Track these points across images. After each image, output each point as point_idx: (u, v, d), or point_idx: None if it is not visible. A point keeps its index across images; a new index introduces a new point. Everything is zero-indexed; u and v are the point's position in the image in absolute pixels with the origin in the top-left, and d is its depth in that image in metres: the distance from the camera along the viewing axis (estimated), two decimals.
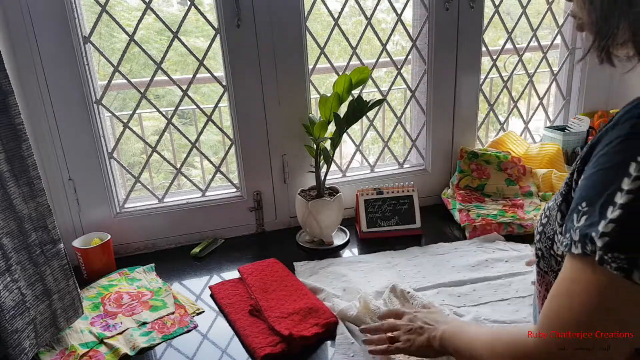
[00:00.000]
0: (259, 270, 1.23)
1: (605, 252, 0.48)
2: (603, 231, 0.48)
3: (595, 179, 0.51)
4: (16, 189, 0.92)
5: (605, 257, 0.48)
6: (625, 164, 0.48)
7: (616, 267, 0.47)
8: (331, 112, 1.32)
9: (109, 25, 4.36)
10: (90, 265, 1.28)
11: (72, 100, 1.28)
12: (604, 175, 0.50)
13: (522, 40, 1.88)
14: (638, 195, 0.47)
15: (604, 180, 0.50)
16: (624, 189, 0.48)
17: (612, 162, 0.50)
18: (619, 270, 0.47)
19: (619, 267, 0.47)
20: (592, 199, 0.51)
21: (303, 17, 1.38)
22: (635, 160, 0.47)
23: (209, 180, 1.52)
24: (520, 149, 1.70)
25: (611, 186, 0.49)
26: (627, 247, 0.47)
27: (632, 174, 0.47)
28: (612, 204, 0.48)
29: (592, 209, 0.50)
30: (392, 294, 1.10)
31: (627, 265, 0.47)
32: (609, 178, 0.50)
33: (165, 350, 1.02)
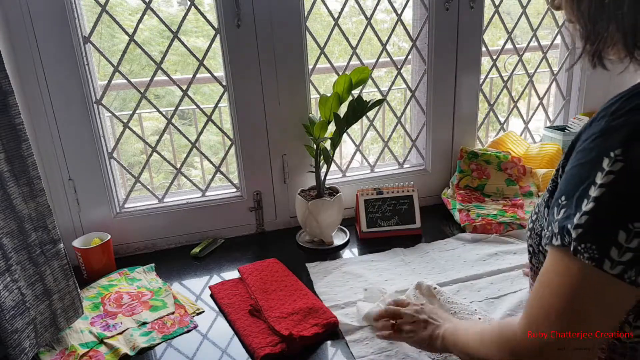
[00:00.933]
0: (259, 270, 1.23)
1: (579, 243, 0.50)
2: (577, 223, 0.50)
3: (573, 174, 0.54)
4: (16, 189, 0.92)
5: (579, 248, 0.50)
6: (599, 159, 0.50)
7: (588, 257, 0.50)
8: (331, 112, 1.32)
9: (110, 25, 4.36)
10: (90, 265, 1.28)
11: (72, 100, 1.28)
12: (581, 170, 0.52)
13: (522, 40, 1.89)
14: (609, 189, 0.49)
15: (581, 174, 0.52)
16: (597, 182, 0.50)
17: (588, 158, 0.52)
18: (590, 260, 0.49)
19: (590, 257, 0.49)
20: (570, 192, 0.53)
21: (303, 17, 1.38)
22: (607, 155, 0.49)
23: (209, 180, 1.52)
24: (520, 149, 1.70)
25: (587, 180, 0.51)
26: (598, 237, 0.49)
27: (605, 169, 0.49)
28: (586, 197, 0.51)
29: (570, 202, 0.53)
30: (418, 291, 1.09)
31: (597, 255, 0.49)
32: (584, 173, 0.52)
33: (165, 350, 1.02)
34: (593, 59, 0.57)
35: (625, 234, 0.48)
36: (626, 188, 0.48)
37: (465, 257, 1.29)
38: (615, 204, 0.49)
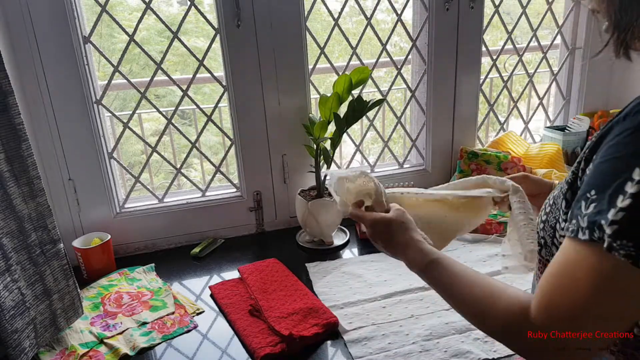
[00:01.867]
0: (259, 270, 1.23)
1: (614, 240, 0.49)
2: (613, 219, 0.49)
3: (605, 168, 0.52)
4: (16, 189, 0.92)
5: (614, 245, 0.49)
6: (637, 155, 0.49)
7: (625, 254, 0.48)
8: (331, 112, 1.32)
9: (110, 25, 4.36)
10: (90, 265, 1.28)
11: (72, 101, 1.28)
12: (615, 164, 0.51)
13: (522, 40, 1.89)
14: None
15: (615, 169, 0.51)
16: (635, 179, 0.48)
17: (623, 153, 0.51)
18: (627, 257, 0.48)
19: (627, 254, 0.48)
20: (601, 187, 0.52)
21: (303, 17, 1.38)
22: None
23: (208, 180, 1.52)
24: (520, 149, 1.70)
25: (622, 175, 0.50)
26: (636, 235, 0.48)
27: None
28: (622, 193, 0.49)
29: (601, 197, 0.51)
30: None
31: (634, 252, 0.48)
32: (619, 168, 0.50)
33: (165, 350, 1.02)
34: (619, 48, 0.56)
35: None
36: None
37: (465, 258, 1.28)
38: None
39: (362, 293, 1.16)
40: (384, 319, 1.06)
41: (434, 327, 1.02)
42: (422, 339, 0.99)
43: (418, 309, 1.09)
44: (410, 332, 1.01)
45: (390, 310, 1.09)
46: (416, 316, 1.06)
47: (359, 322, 1.05)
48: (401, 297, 1.13)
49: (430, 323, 1.03)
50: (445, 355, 0.95)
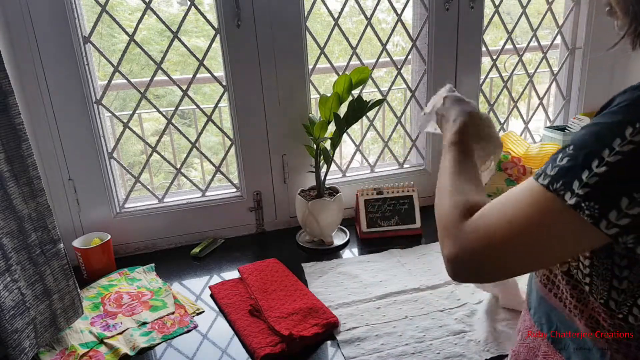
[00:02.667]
0: (259, 270, 1.23)
1: (583, 200, 0.51)
2: (586, 182, 0.51)
3: (590, 130, 0.54)
4: (16, 189, 0.92)
5: (582, 205, 0.51)
6: (623, 125, 0.50)
7: (589, 215, 0.51)
8: (331, 112, 1.32)
9: (110, 25, 4.36)
10: (90, 265, 1.28)
11: (72, 101, 1.28)
12: (600, 129, 0.52)
13: (522, 40, 1.89)
14: (625, 157, 0.50)
15: (598, 133, 0.52)
16: (615, 148, 0.50)
17: (611, 120, 0.52)
18: (590, 218, 0.51)
19: (591, 215, 0.51)
20: (580, 145, 0.53)
21: (303, 17, 1.38)
22: (632, 124, 0.50)
23: (208, 180, 1.52)
24: (520, 149, 1.70)
25: (603, 140, 0.51)
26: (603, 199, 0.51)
27: (627, 137, 0.50)
28: (598, 158, 0.51)
29: (577, 154, 0.53)
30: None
31: (598, 214, 0.51)
32: (603, 133, 0.52)
33: (165, 350, 1.02)
34: (636, 39, 0.57)
35: (627, 201, 0.50)
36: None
37: None
38: (627, 173, 0.50)
39: (357, 293, 1.16)
40: (378, 319, 1.06)
41: (427, 329, 1.02)
42: (415, 341, 0.99)
43: (412, 310, 1.09)
44: (403, 333, 1.01)
45: (384, 311, 1.09)
46: (410, 317, 1.06)
47: (353, 322, 1.05)
48: (396, 297, 1.13)
49: (424, 325, 1.04)
50: (438, 357, 0.94)
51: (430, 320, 1.05)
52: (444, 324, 1.03)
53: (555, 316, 0.67)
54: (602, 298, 0.58)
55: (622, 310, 0.58)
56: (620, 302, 0.58)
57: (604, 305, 0.58)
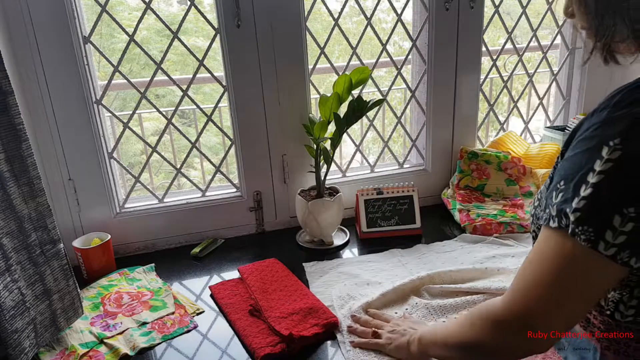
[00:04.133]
0: (259, 270, 1.23)
1: (577, 226, 0.53)
2: (576, 207, 0.53)
3: (573, 160, 0.56)
4: (16, 189, 0.92)
5: (577, 230, 0.53)
6: (599, 147, 0.53)
7: (585, 239, 0.53)
8: (331, 112, 1.32)
9: (110, 25, 4.36)
10: (90, 265, 1.28)
11: (72, 100, 1.28)
12: (581, 157, 0.55)
13: (522, 40, 1.88)
14: (607, 176, 0.52)
15: (580, 161, 0.55)
16: (596, 169, 0.52)
17: (588, 146, 0.54)
18: (587, 242, 0.53)
19: (587, 239, 0.53)
20: (568, 177, 0.56)
21: (303, 17, 1.38)
22: (607, 144, 0.52)
23: (209, 180, 1.52)
24: (520, 149, 1.70)
25: (585, 166, 0.54)
26: (595, 221, 0.52)
27: (604, 157, 0.52)
28: (585, 182, 0.53)
29: (568, 187, 0.55)
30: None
31: (594, 237, 0.52)
32: (584, 159, 0.54)
33: (165, 350, 1.02)
34: (604, 53, 0.59)
35: (620, 218, 0.51)
36: (623, 176, 0.51)
37: (463, 259, 1.27)
38: (612, 190, 0.51)
39: (359, 292, 1.15)
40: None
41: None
42: None
43: (414, 311, 1.08)
44: None
45: (383, 311, 1.08)
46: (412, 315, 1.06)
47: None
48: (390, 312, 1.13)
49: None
50: None
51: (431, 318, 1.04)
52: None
53: None
54: None
55: (609, 307, 0.60)
56: (608, 299, 0.60)
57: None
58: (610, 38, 0.57)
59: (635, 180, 0.50)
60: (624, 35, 0.56)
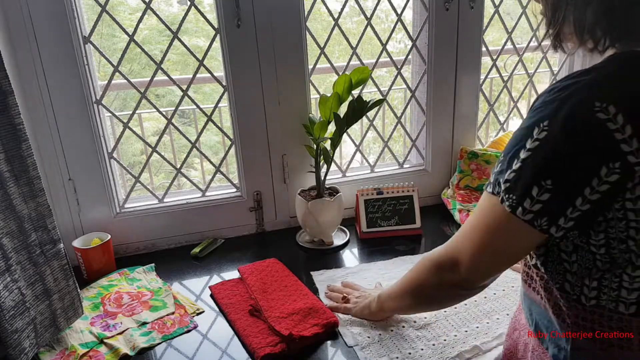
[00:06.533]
0: (259, 270, 1.23)
1: (505, 193, 0.63)
2: (507, 178, 0.62)
3: (514, 137, 0.64)
4: (16, 189, 0.92)
5: (504, 197, 0.63)
6: (532, 127, 0.60)
7: (508, 205, 0.62)
8: (331, 112, 1.32)
9: (111, 25, 4.36)
10: (90, 265, 1.28)
11: (72, 100, 1.28)
12: (518, 134, 0.63)
13: (522, 40, 1.88)
14: (533, 153, 0.60)
15: (516, 138, 0.63)
16: (527, 147, 0.60)
17: (524, 125, 0.62)
18: (509, 207, 0.62)
19: (510, 205, 0.62)
20: (506, 151, 0.64)
21: (303, 17, 1.38)
22: (538, 125, 0.60)
23: (208, 180, 1.52)
24: None
25: (520, 143, 0.62)
26: (518, 190, 0.61)
27: (534, 136, 0.60)
28: (517, 157, 0.61)
29: (504, 160, 0.64)
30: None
31: (515, 203, 0.61)
32: (520, 137, 0.62)
33: (165, 350, 1.02)
34: (554, 41, 0.69)
35: (537, 189, 0.59)
36: (545, 152, 0.59)
37: None
38: (535, 165, 0.60)
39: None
40: (383, 325, 1.04)
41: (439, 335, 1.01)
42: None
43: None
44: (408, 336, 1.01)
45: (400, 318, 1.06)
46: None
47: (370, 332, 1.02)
48: None
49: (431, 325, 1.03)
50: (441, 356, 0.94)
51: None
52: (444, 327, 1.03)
53: (534, 309, 0.74)
54: (557, 283, 0.67)
55: (575, 291, 0.65)
56: (573, 284, 0.65)
57: (560, 289, 0.66)
58: (559, 29, 0.66)
59: (554, 157, 0.58)
60: (570, 30, 0.65)
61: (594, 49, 0.64)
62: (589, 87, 0.58)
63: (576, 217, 0.59)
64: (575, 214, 0.58)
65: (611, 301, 0.62)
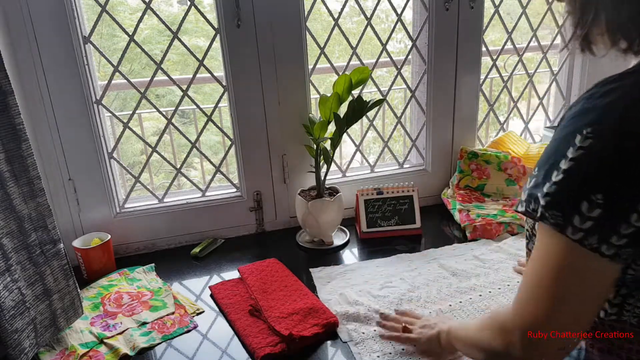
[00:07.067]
0: (259, 270, 1.23)
1: (546, 210, 0.55)
2: (546, 191, 0.55)
3: (548, 148, 0.58)
4: (16, 189, 0.92)
5: (546, 214, 0.55)
6: (572, 135, 0.55)
7: (553, 223, 0.55)
8: (331, 112, 1.32)
9: (111, 25, 4.36)
10: (90, 265, 1.28)
11: (72, 100, 1.28)
12: (555, 144, 0.57)
13: (522, 40, 1.88)
14: (578, 163, 0.53)
15: (554, 148, 0.57)
16: (569, 156, 0.54)
17: (563, 134, 0.57)
18: (555, 227, 0.55)
19: (555, 224, 0.55)
20: (542, 164, 0.58)
21: (303, 17, 1.38)
22: (580, 132, 0.54)
23: (208, 180, 1.52)
24: (520, 149, 1.70)
25: (558, 153, 0.56)
26: (564, 206, 0.54)
27: (577, 144, 0.54)
28: (557, 168, 0.55)
29: (540, 173, 0.58)
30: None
31: (562, 221, 0.54)
32: (558, 147, 0.56)
33: (165, 350, 1.02)
34: (582, 43, 0.62)
35: (587, 204, 0.53)
36: (593, 163, 0.53)
37: (467, 256, 1.28)
38: (582, 177, 0.53)
39: (367, 299, 1.13)
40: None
41: None
42: None
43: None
44: None
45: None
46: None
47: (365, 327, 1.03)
48: (403, 298, 1.13)
49: None
50: None
51: None
52: None
53: None
54: None
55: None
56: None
57: None
58: (589, 29, 0.60)
59: (604, 168, 0.52)
60: (601, 30, 0.59)
61: (627, 50, 0.59)
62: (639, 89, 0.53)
63: (630, 233, 0.52)
64: (630, 230, 0.52)
65: (634, 317, 0.59)
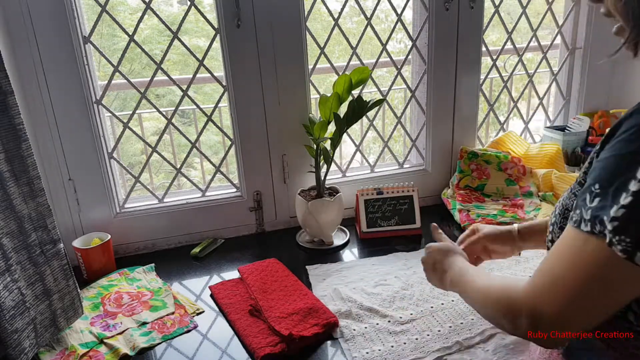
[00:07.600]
0: (259, 270, 1.23)
1: (614, 235, 0.51)
2: (614, 216, 0.51)
3: (610, 164, 0.54)
4: (16, 189, 0.92)
5: (614, 240, 0.51)
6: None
7: (622, 249, 0.50)
8: (331, 112, 1.32)
9: (111, 25, 4.37)
10: (90, 265, 1.28)
11: (72, 100, 1.28)
12: (619, 161, 0.52)
13: (522, 40, 1.88)
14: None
15: (619, 166, 0.52)
16: (638, 177, 0.49)
17: (628, 150, 0.52)
18: (623, 252, 0.50)
19: (624, 250, 0.50)
20: (605, 182, 0.53)
21: (303, 17, 1.38)
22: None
23: (208, 180, 1.52)
24: (520, 149, 1.70)
25: (626, 173, 0.51)
26: (634, 232, 0.50)
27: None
28: (625, 190, 0.50)
29: (605, 193, 0.53)
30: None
31: (631, 248, 0.50)
32: (623, 164, 0.52)
33: (165, 350, 1.02)
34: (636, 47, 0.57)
35: None
36: None
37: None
38: None
39: (360, 296, 1.14)
40: (380, 322, 1.04)
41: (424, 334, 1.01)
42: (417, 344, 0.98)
43: (419, 310, 1.08)
44: (407, 336, 1.01)
45: (391, 312, 1.07)
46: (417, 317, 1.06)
47: (356, 324, 1.04)
48: (396, 296, 1.13)
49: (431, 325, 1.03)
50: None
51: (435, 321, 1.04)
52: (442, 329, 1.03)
53: None
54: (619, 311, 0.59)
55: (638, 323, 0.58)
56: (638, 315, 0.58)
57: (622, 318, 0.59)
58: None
59: None
60: None
61: None
62: None
63: None
64: None
65: None
